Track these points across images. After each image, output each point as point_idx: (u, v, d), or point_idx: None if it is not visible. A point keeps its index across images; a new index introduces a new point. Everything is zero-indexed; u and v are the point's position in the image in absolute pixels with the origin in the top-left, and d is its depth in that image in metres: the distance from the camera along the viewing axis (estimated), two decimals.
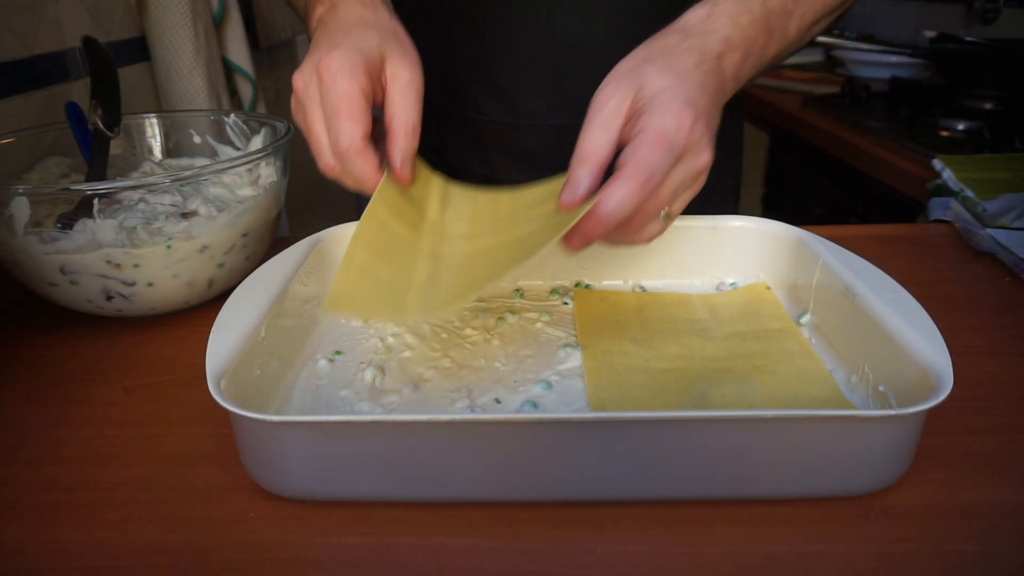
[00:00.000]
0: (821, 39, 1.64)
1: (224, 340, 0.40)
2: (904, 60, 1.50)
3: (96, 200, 0.52)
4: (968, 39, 1.22)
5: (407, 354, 0.50)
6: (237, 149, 0.71)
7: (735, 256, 0.58)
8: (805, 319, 0.52)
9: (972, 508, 0.37)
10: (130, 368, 0.51)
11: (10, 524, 0.37)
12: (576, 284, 0.59)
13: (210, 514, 0.38)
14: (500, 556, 0.35)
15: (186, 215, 0.55)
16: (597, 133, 0.41)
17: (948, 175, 0.85)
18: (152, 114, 0.72)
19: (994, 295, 0.60)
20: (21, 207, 0.51)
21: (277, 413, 0.41)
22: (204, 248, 0.55)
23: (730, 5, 0.47)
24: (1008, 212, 0.71)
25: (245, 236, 0.57)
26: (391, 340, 0.51)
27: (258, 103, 1.15)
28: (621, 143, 0.41)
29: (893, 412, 0.34)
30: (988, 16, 1.52)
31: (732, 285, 0.58)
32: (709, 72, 0.44)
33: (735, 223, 0.57)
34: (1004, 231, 0.68)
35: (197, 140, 0.72)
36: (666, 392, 0.44)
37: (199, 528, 0.37)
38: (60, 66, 0.78)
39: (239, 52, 1.11)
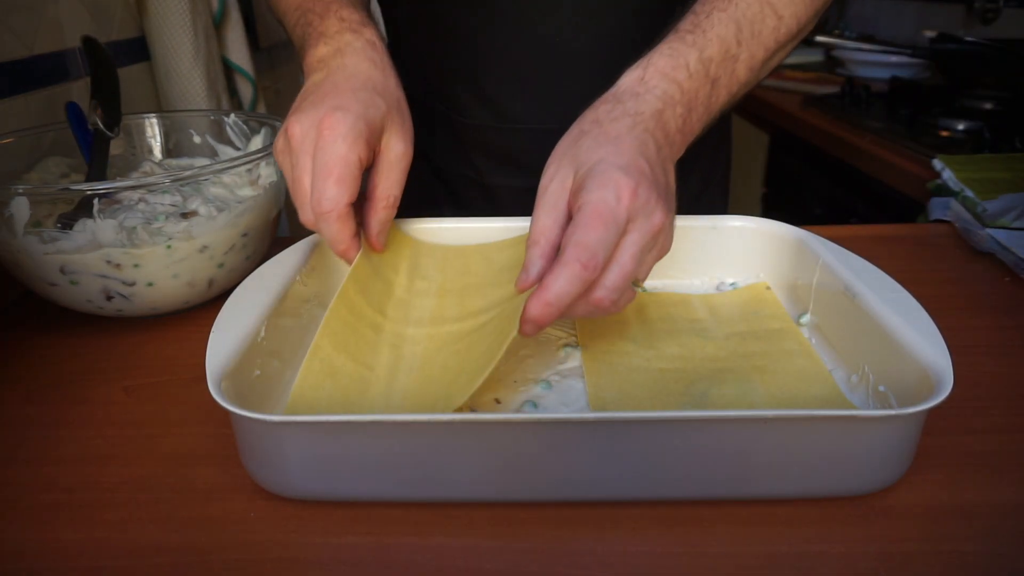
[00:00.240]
0: (821, 39, 1.64)
1: (224, 340, 0.40)
2: (904, 60, 1.50)
3: (96, 200, 0.52)
4: (968, 39, 1.22)
5: None
6: (237, 149, 0.71)
7: (735, 256, 0.58)
8: (805, 319, 0.52)
9: (972, 508, 0.37)
10: (130, 368, 0.51)
11: (10, 524, 0.37)
12: None
13: (210, 514, 0.38)
14: (500, 556, 0.35)
15: (186, 215, 0.56)
16: (543, 215, 0.42)
17: (948, 175, 0.85)
18: (152, 114, 0.72)
19: (994, 295, 0.60)
20: (21, 207, 0.51)
21: (277, 413, 0.41)
22: (204, 248, 0.55)
23: (663, 63, 0.46)
24: (1008, 212, 0.71)
25: (245, 236, 0.57)
26: None
27: (258, 103, 1.15)
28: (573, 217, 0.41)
29: (893, 412, 0.34)
30: (988, 16, 1.52)
31: (732, 285, 0.58)
32: (647, 132, 0.43)
33: (735, 223, 0.57)
34: (1004, 231, 0.68)
35: (197, 140, 0.72)
36: (666, 392, 0.44)
37: (199, 528, 0.37)
38: (60, 66, 0.78)
39: (239, 52, 1.11)
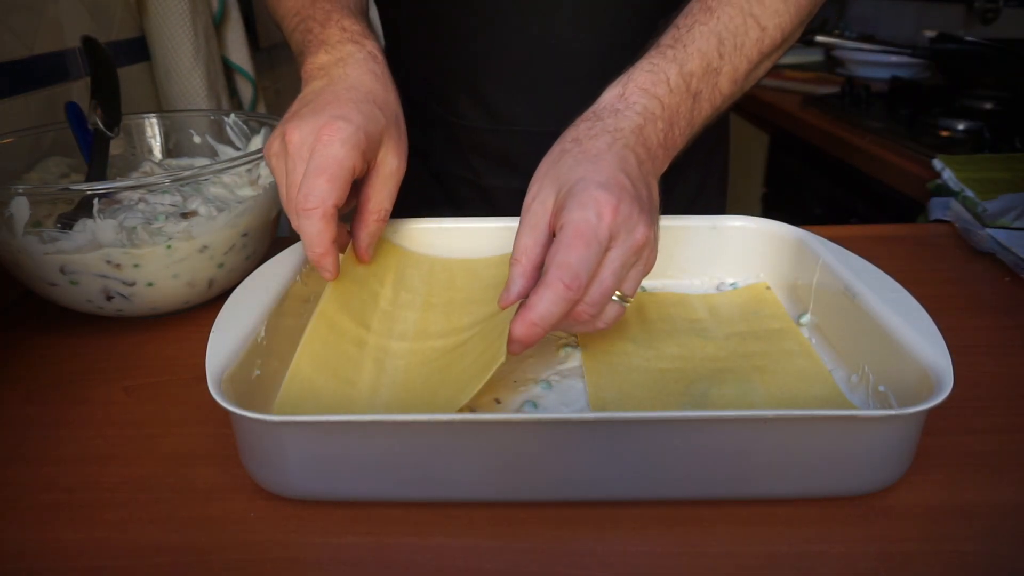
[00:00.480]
0: (821, 39, 1.64)
1: (224, 340, 0.40)
2: (904, 60, 1.50)
3: (96, 200, 0.52)
4: (968, 39, 1.22)
5: None
6: (237, 149, 0.71)
7: (735, 256, 0.58)
8: (805, 319, 0.52)
9: (972, 508, 0.37)
10: (130, 368, 0.51)
11: (10, 524, 0.37)
12: None
13: (210, 514, 0.38)
14: (500, 556, 0.35)
15: (186, 215, 0.56)
16: (524, 234, 0.42)
17: (948, 175, 0.85)
18: (152, 114, 0.72)
19: (994, 295, 0.60)
20: (21, 207, 0.51)
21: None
22: (204, 248, 0.55)
23: (643, 79, 0.46)
24: (1008, 212, 0.71)
25: (245, 236, 0.57)
26: None
27: (258, 103, 1.15)
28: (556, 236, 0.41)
29: (893, 412, 0.34)
30: (988, 16, 1.52)
31: (732, 285, 0.58)
32: (627, 148, 0.43)
33: (735, 223, 0.57)
34: (1004, 231, 0.68)
35: (197, 140, 0.72)
36: (666, 392, 0.44)
37: (199, 528, 0.37)
38: (60, 66, 0.78)
39: (239, 52, 1.11)
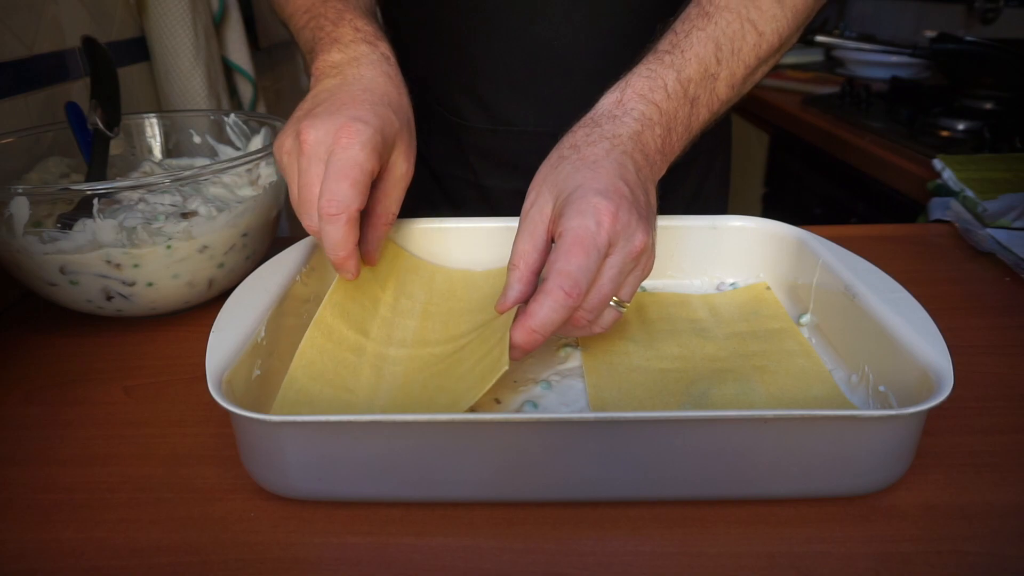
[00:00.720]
0: (821, 39, 1.64)
1: (224, 340, 0.40)
2: (904, 60, 1.50)
3: (96, 200, 0.52)
4: (968, 39, 1.22)
5: None
6: (237, 149, 0.71)
7: (735, 256, 0.58)
8: (805, 319, 0.52)
9: (972, 508, 0.37)
10: (130, 368, 0.51)
11: (10, 524, 0.37)
12: None
13: (210, 514, 0.38)
14: (500, 556, 0.35)
15: (186, 215, 0.55)
16: (522, 240, 0.42)
17: (948, 175, 0.85)
18: (152, 114, 0.72)
19: (994, 295, 0.60)
20: (21, 207, 0.51)
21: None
22: (204, 248, 0.55)
23: (641, 84, 0.46)
24: (1008, 212, 0.71)
25: (245, 236, 0.57)
26: None
27: (258, 103, 1.15)
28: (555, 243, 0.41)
29: (893, 412, 0.34)
30: (988, 16, 1.52)
31: (732, 285, 0.58)
32: (625, 154, 0.43)
33: (735, 223, 0.57)
34: (1004, 231, 0.68)
35: (197, 140, 0.72)
36: (666, 392, 0.44)
37: (199, 528, 0.37)
38: (60, 66, 0.78)
39: (239, 52, 1.11)
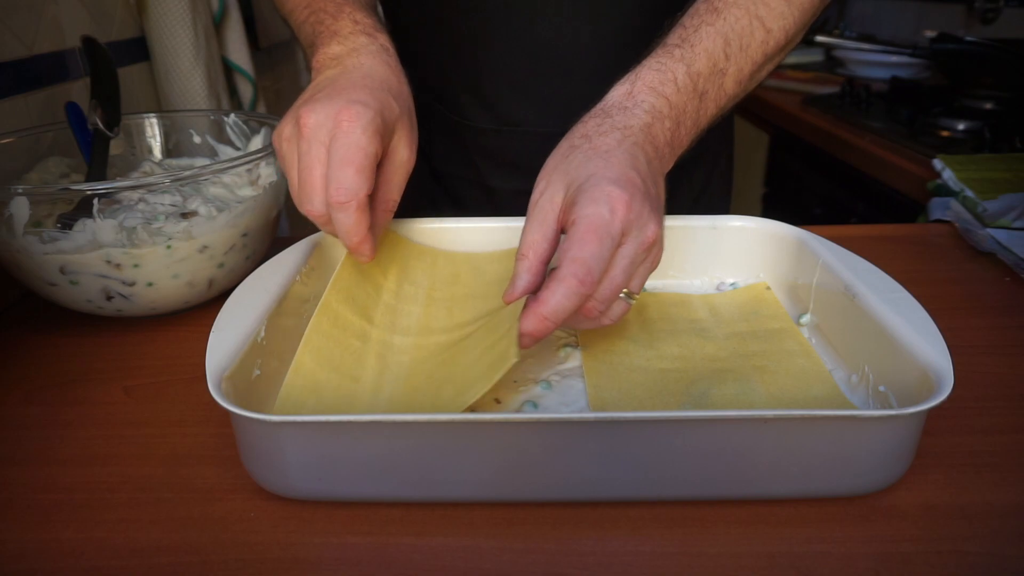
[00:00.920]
0: (821, 39, 1.64)
1: (224, 340, 0.40)
2: (904, 60, 1.50)
3: (96, 200, 0.52)
4: (968, 39, 1.22)
5: None
6: (237, 149, 0.71)
7: (735, 256, 0.58)
8: (805, 319, 0.52)
9: (972, 508, 0.37)
10: (130, 368, 0.51)
11: (10, 524, 0.37)
12: None
13: (210, 514, 0.38)
14: (500, 556, 0.35)
15: (186, 215, 0.55)
16: (532, 229, 0.42)
17: (948, 175, 0.85)
18: (152, 114, 0.72)
19: (994, 295, 0.60)
20: (21, 207, 0.51)
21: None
22: (204, 248, 0.55)
23: (651, 77, 0.46)
24: (1008, 212, 0.71)
25: (245, 236, 0.57)
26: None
27: (258, 103, 1.15)
28: (565, 232, 0.41)
29: (893, 412, 0.34)
30: (988, 16, 1.52)
31: (732, 285, 0.58)
32: (636, 145, 0.43)
33: (735, 223, 0.57)
34: (1004, 231, 0.68)
35: (197, 140, 0.72)
36: (666, 392, 0.44)
37: (199, 528, 0.37)
38: (60, 66, 0.78)
39: (239, 52, 1.11)
